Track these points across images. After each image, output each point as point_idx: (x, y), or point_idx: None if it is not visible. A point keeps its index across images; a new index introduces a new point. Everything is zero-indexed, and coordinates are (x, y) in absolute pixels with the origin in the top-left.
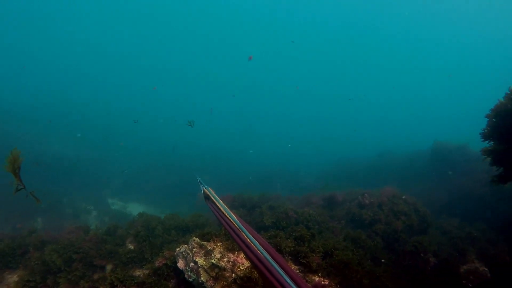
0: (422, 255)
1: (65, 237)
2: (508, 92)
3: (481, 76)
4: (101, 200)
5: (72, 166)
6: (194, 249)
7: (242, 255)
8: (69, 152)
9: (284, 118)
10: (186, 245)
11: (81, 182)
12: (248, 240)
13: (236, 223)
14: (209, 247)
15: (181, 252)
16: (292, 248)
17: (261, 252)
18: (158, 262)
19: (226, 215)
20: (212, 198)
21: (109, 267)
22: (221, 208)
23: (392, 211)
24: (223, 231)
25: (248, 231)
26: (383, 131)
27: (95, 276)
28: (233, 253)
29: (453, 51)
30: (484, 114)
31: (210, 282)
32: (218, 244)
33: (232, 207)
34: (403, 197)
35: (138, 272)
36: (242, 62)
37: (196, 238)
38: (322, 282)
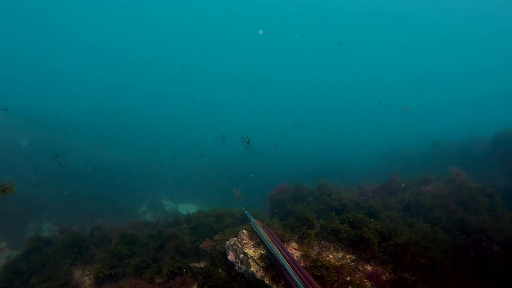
0: (484, 244)
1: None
2: None
3: None
4: (156, 202)
5: (126, 171)
6: (243, 241)
7: (291, 245)
8: (124, 158)
9: (330, 112)
10: (235, 238)
11: (135, 186)
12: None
13: (274, 253)
14: (258, 239)
15: (231, 245)
16: (346, 234)
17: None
18: (204, 244)
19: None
20: (256, 230)
21: (168, 257)
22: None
23: (455, 196)
24: (275, 224)
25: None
26: (433, 120)
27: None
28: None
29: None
30: None
31: (260, 273)
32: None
33: (289, 197)
34: (470, 182)
35: (193, 265)
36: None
37: (245, 231)
38: (376, 271)
